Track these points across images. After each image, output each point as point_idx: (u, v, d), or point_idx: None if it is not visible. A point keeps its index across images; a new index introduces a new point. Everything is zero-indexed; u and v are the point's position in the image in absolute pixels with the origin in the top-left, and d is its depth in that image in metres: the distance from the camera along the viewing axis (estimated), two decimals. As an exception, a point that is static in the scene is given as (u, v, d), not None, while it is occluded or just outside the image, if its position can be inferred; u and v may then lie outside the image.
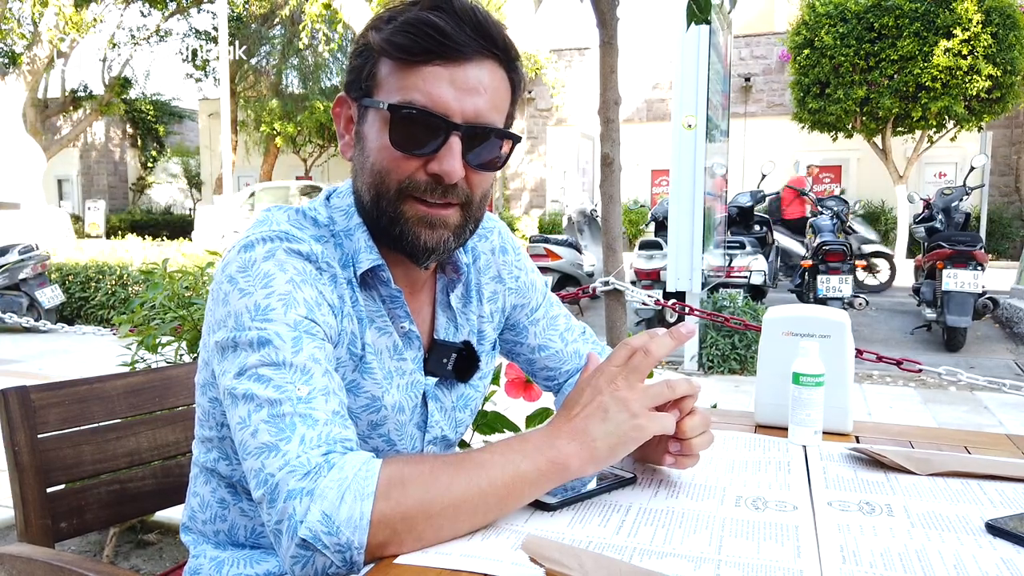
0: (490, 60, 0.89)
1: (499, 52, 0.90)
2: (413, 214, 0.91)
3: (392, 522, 0.76)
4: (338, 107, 0.98)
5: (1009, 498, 0.94)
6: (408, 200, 0.91)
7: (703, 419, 0.94)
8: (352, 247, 0.95)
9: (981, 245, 6.21)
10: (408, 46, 0.86)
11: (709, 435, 0.95)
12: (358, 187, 0.95)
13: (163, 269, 2.58)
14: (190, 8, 20.07)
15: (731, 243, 7.18)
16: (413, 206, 0.91)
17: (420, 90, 0.87)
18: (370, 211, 0.93)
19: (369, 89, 0.91)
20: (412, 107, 0.87)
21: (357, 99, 0.93)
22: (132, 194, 24.87)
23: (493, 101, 0.90)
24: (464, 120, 0.88)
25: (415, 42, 0.86)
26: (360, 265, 0.94)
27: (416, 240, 0.92)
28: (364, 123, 0.93)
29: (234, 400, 0.83)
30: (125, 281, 7.50)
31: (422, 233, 0.91)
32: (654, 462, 1.01)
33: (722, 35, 6.25)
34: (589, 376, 0.90)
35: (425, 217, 0.91)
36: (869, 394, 4.90)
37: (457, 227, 0.93)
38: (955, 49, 11.67)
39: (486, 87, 0.89)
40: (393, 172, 0.90)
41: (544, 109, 19.27)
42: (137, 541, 2.57)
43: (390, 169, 0.90)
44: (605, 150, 2.84)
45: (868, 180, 17.02)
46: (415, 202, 0.90)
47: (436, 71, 0.87)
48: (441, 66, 0.87)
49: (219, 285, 0.89)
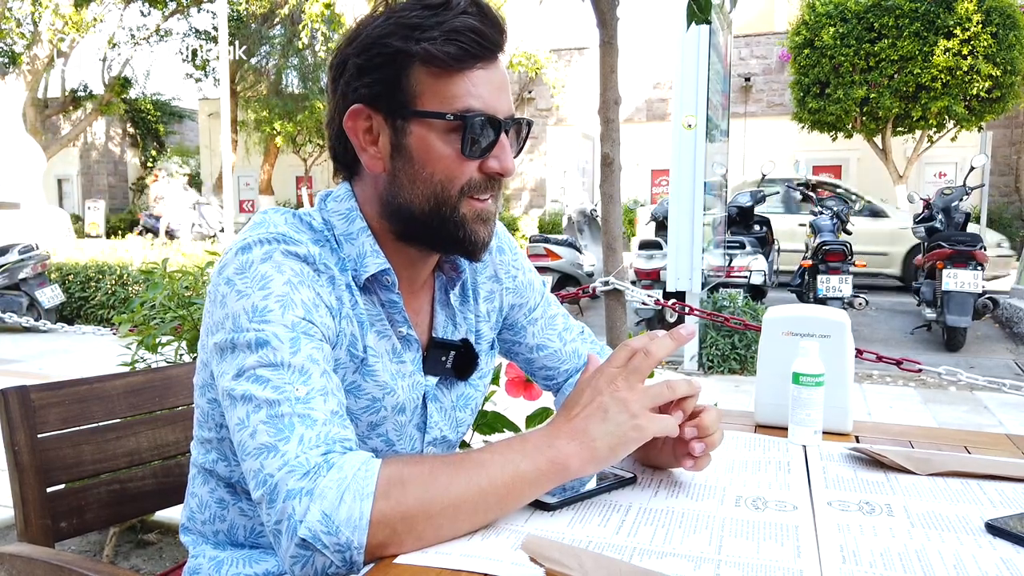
0: (502, 55, 0.93)
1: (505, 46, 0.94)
2: (472, 213, 0.94)
3: (392, 522, 0.76)
4: (352, 121, 0.93)
5: (1009, 498, 0.94)
6: (466, 200, 0.93)
7: (717, 415, 0.95)
8: (354, 251, 0.95)
9: (981, 245, 6.21)
10: (458, 55, 0.88)
11: (721, 432, 0.96)
12: (406, 198, 0.93)
13: (163, 269, 2.58)
14: (190, 8, 20.07)
15: (731, 243, 7.17)
16: (471, 205, 0.93)
17: (474, 95, 0.89)
18: (426, 219, 0.93)
19: (405, 100, 0.90)
20: (480, 114, 0.89)
21: (391, 111, 0.91)
22: (132, 194, 24.87)
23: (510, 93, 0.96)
24: (506, 116, 0.92)
25: (464, 49, 0.88)
26: (366, 269, 0.94)
27: (476, 237, 0.95)
28: (406, 135, 0.91)
29: (232, 401, 0.83)
30: (125, 281, 7.50)
31: (480, 229, 0.95)
32: (662, 465, 1.01)
33: (722, 35, 6.26)
34: (589, 377, 0.90)
35: (481, 213, 0.94)
36: (869, 394, 4.90)
37: (495, 215, 0.98)
38: (955, 49, 11.67)
39: (507, 81, 0.95)
40: (459, 177, 0.91)
41: (544, 109, 19.27)
42: (137, 541, 2.57)
43: (457, 175, 0.91)
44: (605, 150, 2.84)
45: (868, 180, 17.00)
46: (471, 200, 0.93)
47: (480, 75, 0.90)
48: (483, 69, 0.90)
49: (216, 287, 0.89)
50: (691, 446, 0.92)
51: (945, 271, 6.06)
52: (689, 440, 0.92)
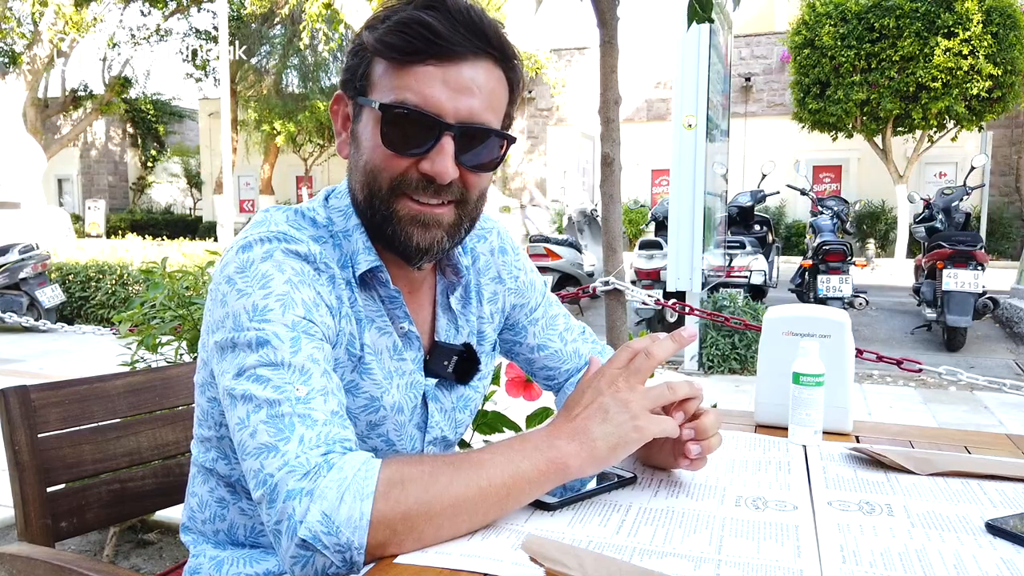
0: (485, 60, 0.89)
1: (494, 51, 0.89)
2: (405, 213, 0.90)
3: (392, 522, 0.76)
4: (335, 105, 0.98)
5: (1009, 498, 0.94)
6: (401, 198, 0.90)
7: (717, 418, 0.95)
8: (351, 248, 0.95)
9: (981, 245, 6.22)
10: (401, 46, 0.86)
11: (719, 436, 0.95)
12: (352, 185, 0.95)
13: (163, 268, 2.58)
14: (190, 8, 20.07)
15: (731, 243, 7.17)
16: (406, 204, 0.90)
17: (413, 90, 0.86)
18: (364, 210, 0.93)
19: (364, 88, 0.91)
20: (404, 107, 0.87)
21: (352, 98, 0.94)
22: (132, 193, 24.87)
23: (488, 101, 0.89)
24: (458, 120, 0.87)
25: (408, 42, 0.86)
26: (358, 266, 0.94)
27: (408, 240, 0.91)
28: (359, 122, 0.93)
29: (233, 400, 0.83)
30: (125, 281, 7.50)
31: (415, 233, 0.91)
32: (661, 465, 1.01)
33: (722, 35, 6.25)
34: (590, 378, 0.90)
35: (418, 216, 0.90)
36: (869, 394, 4.90)
37: (451, 226, 0.93)
38: (956, 49, 11.68)
39: (480, 87, 0.88)
40: (385, 171, 0.90)
41: (544, 109, 19.28)
42: (137, 540, 2.57)
43: (382, 168, 0.90)
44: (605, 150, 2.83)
45: (868, 180, 17.01)
46: (407, 200, 0.90)
47: (429, 71, 0.86)
48: (434, 66, 0.86)
49: (217, 286, 0.89)
50: (687, 448, 0.92)
51: (945, 271, 6.06)
52: (686, 442, 0.92)
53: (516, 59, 0.93)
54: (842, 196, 10.06)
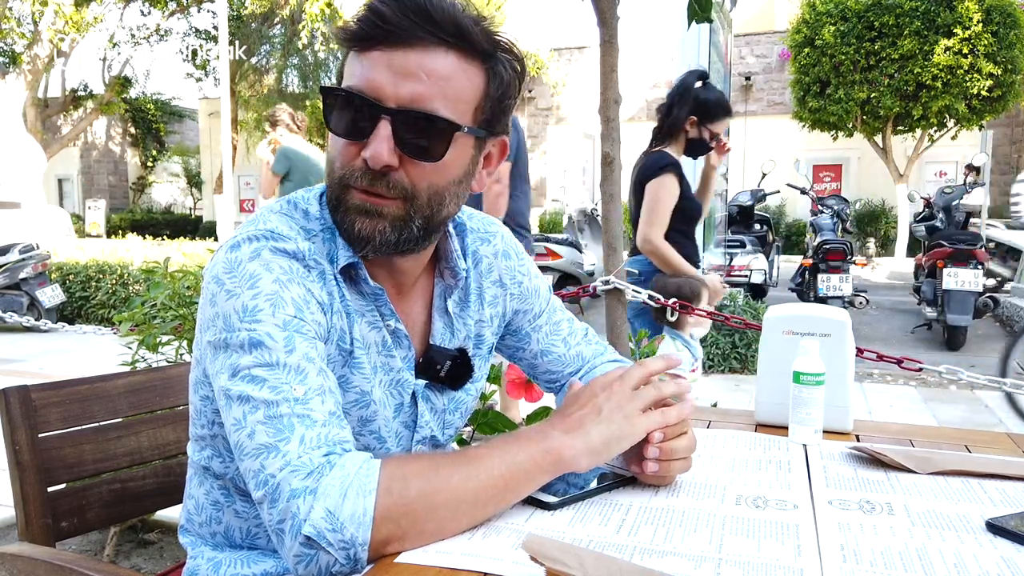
0: (441, 47, 0.86)
1: (450, 38, 0.86)
2: (352, 202, 0.89)
3: (395, 517, 0.76)
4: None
5: (1010, 497, 0.94)
6: (349, 189, 0.89)
7: (689, 443, 0.94)
8: (336, 242, 0.94)
9: (981, 244, 6.21)
10: (355, 32, 0.87)
11: (687, 462, 0.95)
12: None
13: (164, 268, 2.58)
14: (190, 7, 20.06)
15: (731, 242, 7.17)
16: (354, 194, 0.89)
17: (359, 75, 0.87)
18: (328, 200, 0.93)
19: (340, 80, 0.92)
20: (340, 90, 0.87)
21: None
22: (133, 193, 24.85)
23: (441, 89, 0.86)
24: (398, 105, 0.85)
25: (360, 29, 0.86)
26: (338, 262, 0.93)
27: (351, 227, 0.89)
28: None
29: (229, 401, 0.83)
30: (126, 280, 7.50)
31: (357, 220, 0.89)
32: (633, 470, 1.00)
33: (722, 34, 6.26)
34: (586, 384, 0.94)
35: (362, 205, 0.88)
36: (869, 393, 4.89)
37: (396, 219, 0.89)
38: (956, 48, 11.67)
39: (429, 72, 0.85)
40: (337, 159, 0.90)
41: (544, 108, 19.27)
42: (138, 540, 2.57)
43: (334, 157, 0.90)
44: (605, 149, 2.83)
45: (868, 179, 17.00)
46: (355, 190, 0.89)
47: (376, 56, 0.86)
48: (382, 51, 0.86)
49: (207, 285, 0.89)
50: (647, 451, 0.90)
51: (946, 270, 6.06)
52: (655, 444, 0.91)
53: (496, 49, 0.90)
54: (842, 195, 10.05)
